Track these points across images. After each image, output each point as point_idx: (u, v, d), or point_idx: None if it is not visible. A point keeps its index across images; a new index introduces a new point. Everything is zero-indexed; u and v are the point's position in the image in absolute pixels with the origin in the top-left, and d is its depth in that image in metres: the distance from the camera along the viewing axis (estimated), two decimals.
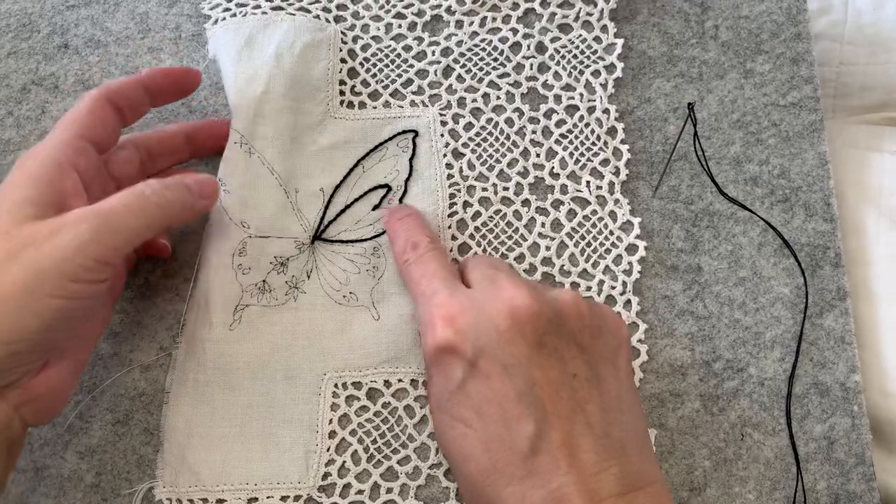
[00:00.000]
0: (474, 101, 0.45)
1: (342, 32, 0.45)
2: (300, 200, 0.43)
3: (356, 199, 0.43)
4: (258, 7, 0.45)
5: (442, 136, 0.44)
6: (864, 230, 0.47)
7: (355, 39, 0.46)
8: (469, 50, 0.46)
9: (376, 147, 0.44)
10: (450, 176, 0.44)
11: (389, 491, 0.40)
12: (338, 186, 0.43)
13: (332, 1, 0.47)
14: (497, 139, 0.45)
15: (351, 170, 0.43)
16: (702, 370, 0.42)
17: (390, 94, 0.45)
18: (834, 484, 0.41)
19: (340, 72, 0.45)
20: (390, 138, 0.44)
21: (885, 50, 0.51)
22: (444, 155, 0.44)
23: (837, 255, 0.44)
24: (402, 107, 0.45)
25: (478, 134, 0.45)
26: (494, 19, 0.47)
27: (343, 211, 0.43)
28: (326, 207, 0.43)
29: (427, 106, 0.45)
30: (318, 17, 0.45)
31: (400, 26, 0.47)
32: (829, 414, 0.42)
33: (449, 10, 0.47)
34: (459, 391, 0.34)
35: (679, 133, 0.39)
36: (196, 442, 0.39)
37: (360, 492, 0.40)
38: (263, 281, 0.41)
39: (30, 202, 0.32)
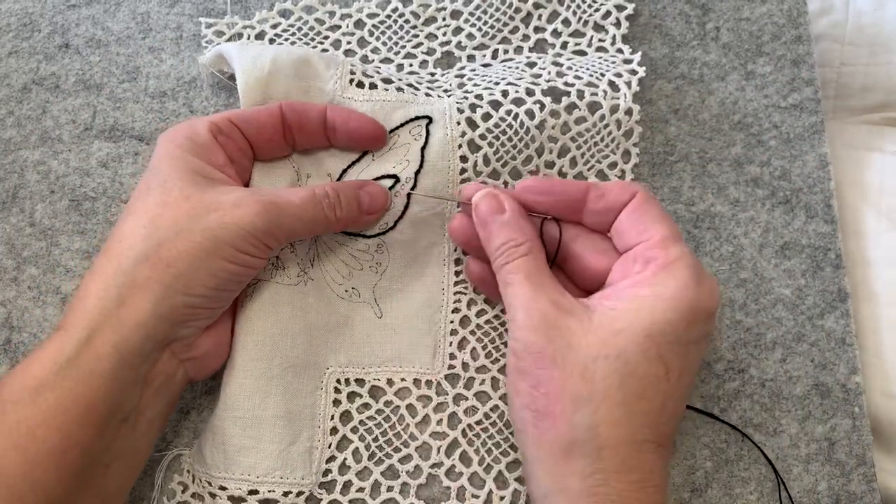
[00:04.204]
0: (492, 94, 0.42)
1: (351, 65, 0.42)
2: (310, 185, 0.41)
3: None
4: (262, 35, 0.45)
5: (458, 123, 0.41)
6: (864, 231, 0.47)
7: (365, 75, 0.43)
8: (484, 67, 0.45)
9: (388, 133, 0.41)
10: (463, 170, 0.41)
11: (390, 489, 0.40)
12: (345, 171, 0.41)
13: (339, 48, 0.46)
14: (517, 133, 0.41)
15: (360, 156, 0.41)
16: (703, 371, 0.42)
17: (405, 84, 0.42)
18: (835, 485, 0.41)
19: (353, 65, 0.42)
20: (402, 124, 0.41)
21: (885, 50, 0.51)
22: (460, 146, 0.41)
23: (838, 257, 0.44)
24: (416, 94, 0.42)
25: (496, 125, 0.41)
26: (506, 51, 0.46)
27: None
28: None
29: (441, 97, 0.42)
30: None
31: (411, 65, 0.46)
32: (830, 415, 0.42)
33: (459, 45, 0.46)
34: (687, 346, 0.34)
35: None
36: (207, 423, 0.40)
37: (360, 489, 0.40)
38: (277, 257, 0.40)
39: (199, 173, 0.36)
